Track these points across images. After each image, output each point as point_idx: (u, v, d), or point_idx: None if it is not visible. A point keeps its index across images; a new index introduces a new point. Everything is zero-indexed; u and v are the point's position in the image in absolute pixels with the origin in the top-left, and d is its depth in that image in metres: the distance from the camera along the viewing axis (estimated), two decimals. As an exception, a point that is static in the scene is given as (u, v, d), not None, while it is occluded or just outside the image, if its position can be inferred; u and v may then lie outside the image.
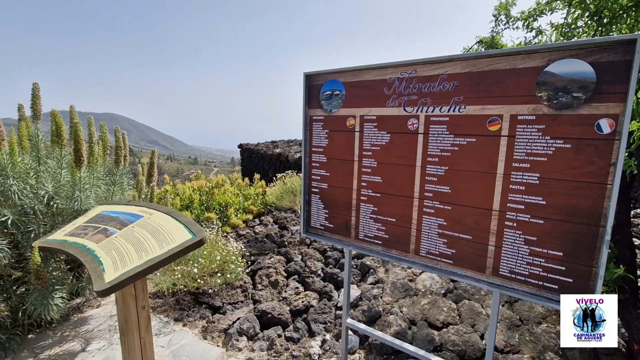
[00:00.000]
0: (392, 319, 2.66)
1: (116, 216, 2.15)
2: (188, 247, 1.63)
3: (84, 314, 3.05)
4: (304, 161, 2.22)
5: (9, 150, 2.27)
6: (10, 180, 2.23)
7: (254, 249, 4.28)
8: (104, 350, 2.52)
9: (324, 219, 2.18)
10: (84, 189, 2.46)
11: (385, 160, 1.84)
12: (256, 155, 9.90)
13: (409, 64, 1.68)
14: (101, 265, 1.63)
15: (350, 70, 1.90)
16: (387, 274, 3.40)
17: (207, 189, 5.63)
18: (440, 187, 1.65)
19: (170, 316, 2.95)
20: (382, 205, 1.88)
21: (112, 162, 2.94)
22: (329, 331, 2.68)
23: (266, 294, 3.24)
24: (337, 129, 2.02)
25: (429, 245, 1.73)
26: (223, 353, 2.46)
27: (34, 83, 2.53)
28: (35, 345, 2.60)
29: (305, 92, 2.13)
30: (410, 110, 1.71)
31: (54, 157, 2.67)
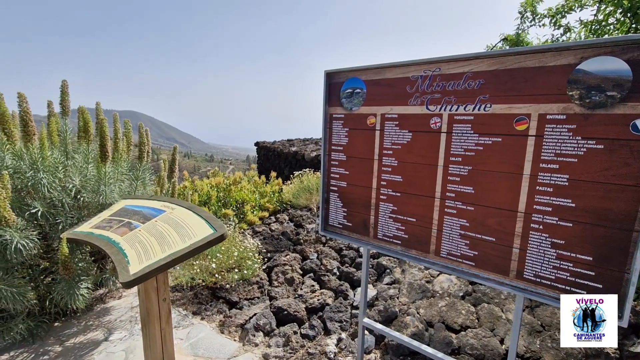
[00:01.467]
0: (408, 320, 2.63)
1: (139, 210, 2.21)
2: (210, 242, 1.66)
3: (107, 304, 3.15)
4: (323, 159, 2.22)
5: (40, 145, 2.36)
6: (40, 173, 2.32)
7: (270, 246, 4.32)
8: (125, 340, 2.60)
9: (342, 218, 2.18)
10: (108, 184, 2.54)
11: (406, 159, 1.82)
12: (272, 153, 9.97)
13: (433, 62, 1.65)
14: (126, 258, 1.68)
15: (372, 68, 1.88)
16: (403, 275, 3.36)
17: (225, 185, 5.72)
18: (463, 188, 1.62)
19: (189, 309, 3.01)
20: (402, 204, 1.86)
21: (134, 157, 3.02)
22: (344, 330, 2.68)
23: (282, 290, 3.26)
24: (358, 127, 2.01)
25: (450, 247, 1.70)
26: (240, 348, 2.49)
27: (63, 80, 2.62)
28: (61, 333, 2.70)
29: (326, 90, 2.13)
30: (433, 109, 1.68)
31: (81, 152, 2.77)
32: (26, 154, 2.34)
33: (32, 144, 2.30)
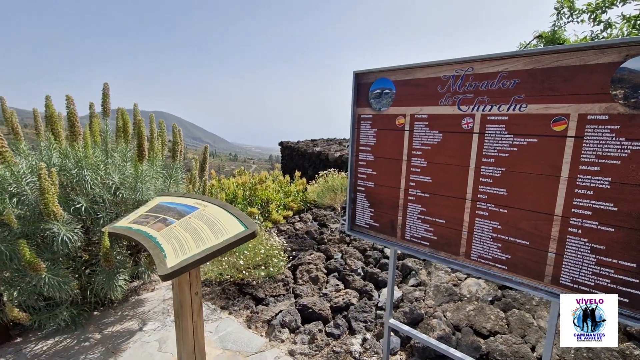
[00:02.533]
0: (435, 322, 2.60)
1: (174, 207, 2.31)
2: (241, 239, 1.71)
3: (140, 296, 3.31)
4: (351, 160, 2.24)
5: (84, 144, 2.52)
6: (84, 171, 2.47)
7: (294, 244, 4.38)
8: (158, 331, 2.72)
9: (369, 218, 2.18)
10: (145, 181, 2.67)
11: (436, 160, 1.80)
12: (296, 153, 10.07)
13: (466, 61, 1.63)
14: (163, 252, 1.77)
15: (402, 68, 1.88)
16: (429, 277, 3.32)
17: (251, 185, 5.84)
18: (496, 189, 1.58)
19: (217, 304, 3.10)
20: (431, 206, 1.84)
21: (168, 156, 3.15)
22: (369, 330, 2.68)
23: (307, 289, 3.30)
24: (386, 127, 2.01)
25: (481, 249, 1.67)
26: (266, 343, 2.55)
27: (105, 83, 2.78)
28: (99, 322, 2.87)
29: (354, 91, 2.14)
30: (465, 109, 1.65)
31: (119, 151, 2.92)
32: (72, 153, 2.50)
33: (77, 143, 2.45)
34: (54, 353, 2.47)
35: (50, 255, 2.40)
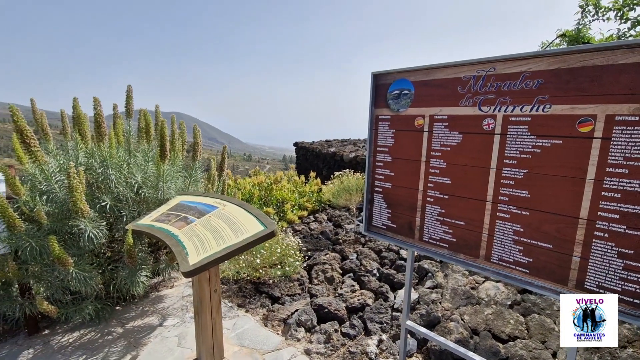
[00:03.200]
0: (452, 325, 2.57)
1: (194, 206, 2.36)
2: (261, 238, 1.74)
3: (160, 292, 3.40)
4: (368, 160, 2.24)
5: (109, 144, 2.61)
6: (109, 170, 2.56)
7: (309, 244, 4.40)
8: (177, 327, 2.79)
9: (386, 219, 2.18)
10: (166, 180, 2.74)
11: (456, 161, 1.78)
12: (311, 153, 10.10)
13: (487, 61, 1.61)
14: (185, 250, 1.81)
15: (421, 68, 1.87)
16: (446, 279, 3.28)
17: (266, 185, 5.90)
18: (518, 191, 1.56)
19: (234, 302, 3.15)
20: (450, 207, 1.83)
21: (188, 156, 3.22)
22: (385, 331, 2.67)
23: (322, 289, 3.32)
24: (404, 128, 2.00)
25: (502, 252, 1.64)
26: (283, 341, 2.58)
27: (128, 85, 2.87)
28: (121, 316, 2.96)
29: (372, 92, 2.14)
30: (487, 110, 1.63)
31: (141, 150, 3.01)
32: (97, 153, 2.59)
33: (103, 143, 2.54)
34: (79, 345, 2.57)
35: (76, 251, 2.49)
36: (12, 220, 2.14)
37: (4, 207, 2.09)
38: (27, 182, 2.52)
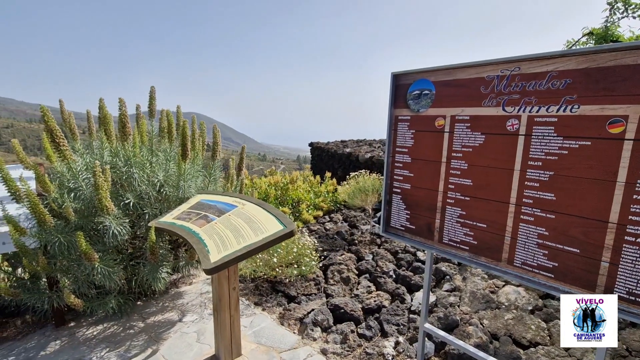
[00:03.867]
0: (471, 329, 2.53)
1: (214, 205, 2.41)
2: (280, 237, 1.76)
3: (179, 289, 3.47)
4: (387, 161, 2.23)
5: (132, 144, 2.69)
6: (133, 169, 2.64)
7: (325, 244, 4.41)
8: (196, 323, 2.84)
9: (404, 220, 2.16)
10: (187, 179, 2.80)
11: (477, 162, 1.76)
12: (326, 153, 10.09)
13: (512, 61, 1.58)
14: (206, 247, 1.85)
15: (443, 68, 1.85)
16: (464, 283, 3.23)
17: (282, 184, 5.94)
18: (543, 194, 1.52)
19: (251, 300, 3.19)
20: (471, 209, 1.80)
21: (207, 156, 3.28)
22: (402, 334, 2.65)
23: (338, 289, 3.32)
24: (425, 129, 1.98)
25: (525, 256, 1.61)
26: (299, 340, 2.59)
27: (152, 86, 2.95)
28: (142, 311, 3.04)
29: (392, 92, 2.13)
30: (511, 110, 1.60)
31: (162, 150, 3.09)
32: (122, 152, 2.68)
33: (127, 143, 2.62)
34: (103, 338, 2.66)
35: (101, 247, 2.58)
36: (42, 216, 2.23)
37: (36, 204, 2.18)
38: (56, 180, 2.62)
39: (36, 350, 2.53)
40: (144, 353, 2.46)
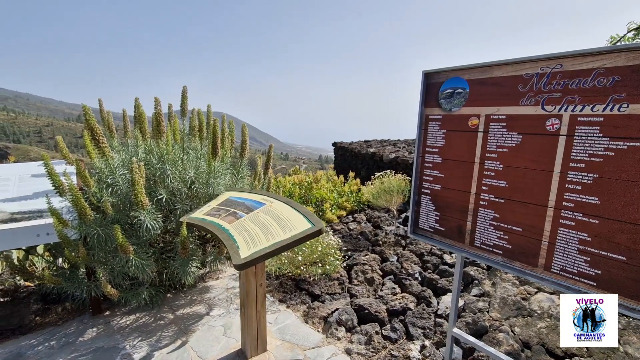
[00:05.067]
0: (501, 337, 2.44)
1: (242, 202, 2.45)
2: (309, 235, 1.77)
3: (206, 283, 3.56)
4: (416, 161, 2.19)
5: (166, 141, 2.78)
6: (166, 166, 2.74)
7: (348, 244, 4.39)
8: (223, 317, 2.91)
9: (434, 222, 2.12)
10: (216, 177, 2.88)
11: (513, 163, 1.69)
12: (350, 153, 10.06)
13: (553, 58, 1.51)
14: (236, 243, 1.89)
15: (478, 66, 1.79)
16: (494, 288, 3.12)
17: (306, 183, 5.97)
18: (586, 197, 1.44)
19: (275, 297, 3.23)
20: (506, 212, 1.74)
21: (235, 154, 3.35)
22: (428, 337, 2.60)
23: (362, 289, 3.30)
24: (457, 128, 1.93)
25: (564, 262, 1.53)
26: (323, 339, 2.60)
27: (184, 86, 3.05)
28: (172, 304, 3.15)
29: (423, 91, 2.09)
30: (551, 109, 1.53)
31: (193, 148, 3.18)
32: (155, 149, 2.78)
33: (161, 141, 2.72)
34: (136, 328, 2.77)
35: (135, 240, 2.69)
36: (83, 210, 2.35)
37: (78, 197, 2.31)
38: (95, 175, 2.76)
39: (75, 336, 2.67)
40: (173, 344, 2.55)
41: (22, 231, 2.47)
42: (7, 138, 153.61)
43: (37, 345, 2.56)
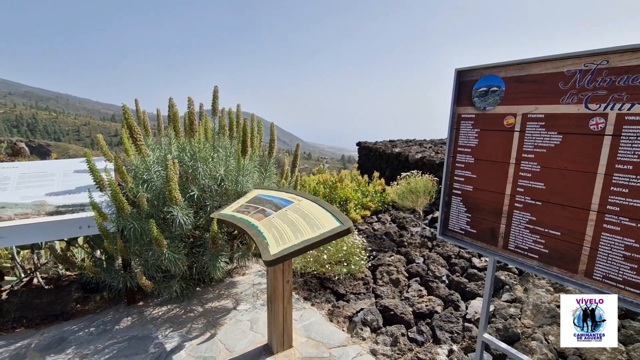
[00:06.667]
0: (534, 345, 2.35)
1: (270, 199, 2.50)
2: (337, 234, 1.78)
3: (233, 278, 3.65)
4: (447, 161, 2.14)
5: (198, 140, 2.88)
6: (198, 163, 2.83)
7: (373, 245, 4.36)
8: (249, 312, 2.98)
9: (465, 223, 2.07)
10: (245, 174, 2.94)
11: (552, 164, 1.62)
12: (374, 153, 9.98)
13: (599, 54, 1.43)
14: (265, 240, 1.93)
15: (515, 63, 1.73)
16: (526, 294, 3.00)
17: (331, 182, 5.98)
18: (634, 201, 1.36)
19: (300, 295, 3.26)
20: (544, 215, 1.67)
21: (263, 153, 3.41)
22: (456, 342, 2.54)
23: (387, 290, 3.27)
24: (491, 128, 1.88)
25: (608, 269, 1.45)
26: (348, 338, 2.60)
27: (215, 86, 3.13)
28: (201, 297, 3.25)
29: (455, 89, 2.04)
30: (595, 108, 1.46)
31: (223, 146, 3.26)
32: (188, 147, 2.88)
33: (194, 139, 2.82)
34: (167, 319, 2.88)
35: (168, 234, 2.80)
36: (121, 204, 2.48)
37: (117, 192, 2.43)
38: (131, 172, 2.89)
39: (111, 324, 2.82)
40: (203, 336, 2.63)
41: (66, 223, 2.64)
42: (49, 136, 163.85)
43: (78, 331, 2.72)
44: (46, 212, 2.69)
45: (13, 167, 3.13)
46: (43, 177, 3.06)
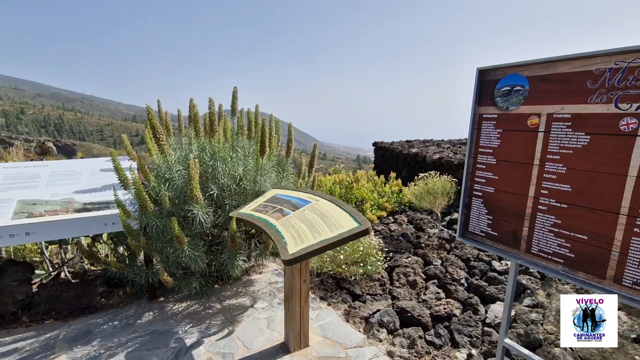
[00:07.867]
0: (558, 352, 2.27)
1: (288, 199, 2.52)
2: (355, 234, 1.78)
3: (251, 277, 3.70)
4: (467, 162, 2.11)
5: (217, 140, 2.93)
6: (218, 163, 2.88)
7: (389, 246, 4.33)
8: (266, 310, 3.01)
9: (485, 225, 2.03)
10: (263, 174, 2.98)
11: (579, 166, 1.57)
12: (390, 153, 9.89)
13: (631, 51, 1.38)
14: (284, 239, 1.95)
15: (540, 62, 1.69)
16: (549, 299, 2.91)
17: (347, 183, 5.97)
18: (667, 205, 1.31)
19: (317, 294, 3.27)
20: (569, 218, 1.62)
21: (281, 153, 3.44)
22: (474, 346, 2.50)
23: (404, 292, 3.24)
24: (514, 128, 1.83)
25: (639, 275, 1.40)
26: (365, 339, 2.59)
27: (234, 87, 3.19)
28: (219, 294, 3.31)
29: (477, 88, 2.01)
30: (626, 108, 1.40)
31: (241, 146, 3.31)
32: (208, 147, 2.94)
33: (214, 139, 2.87)
34: (187, 315, 2.95)
35: (188, 232, 2.86)
36: (145, 202, 2.55)
37: (140, 190, 2.51)
38: (154, 171, 2.98)
39: (134, 318, 2.90)
40: (221, 332, 2.68)
41: (93, 220, 2.74)
42: (74, 136, 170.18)
43: (102, 324, 2.82)
44: (74, 209, 2.80)
45: (43, 166, 3.28)
46: (71, 176, 3.19)
